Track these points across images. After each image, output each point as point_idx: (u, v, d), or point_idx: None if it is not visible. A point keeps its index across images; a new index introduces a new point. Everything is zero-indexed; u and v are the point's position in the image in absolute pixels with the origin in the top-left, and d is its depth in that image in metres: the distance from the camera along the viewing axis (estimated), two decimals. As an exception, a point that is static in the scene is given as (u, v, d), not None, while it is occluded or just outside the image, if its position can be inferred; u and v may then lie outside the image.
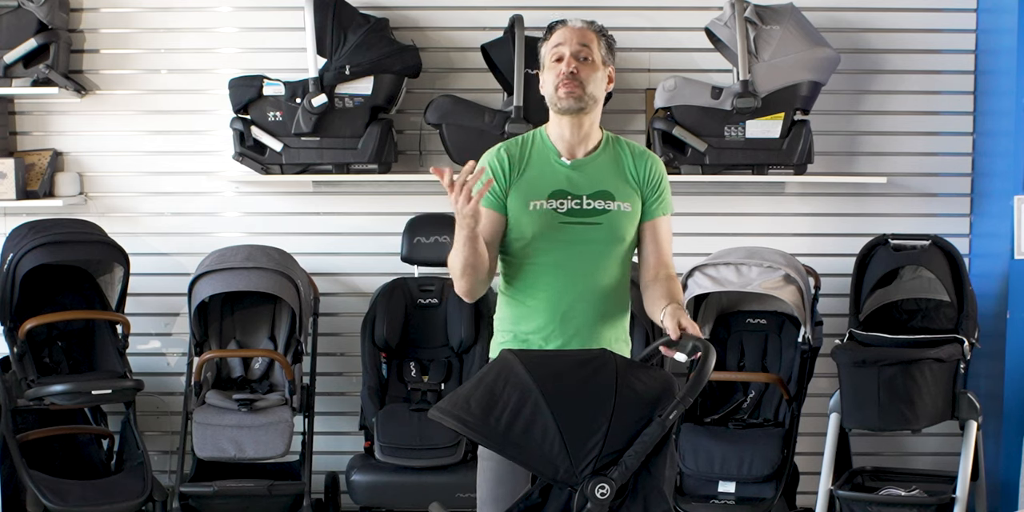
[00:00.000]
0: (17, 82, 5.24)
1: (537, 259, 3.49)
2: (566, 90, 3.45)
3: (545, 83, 3.53)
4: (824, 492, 4.89)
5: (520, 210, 3.48)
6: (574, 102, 3.46)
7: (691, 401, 2.98)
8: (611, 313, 3.53)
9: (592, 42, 3.51)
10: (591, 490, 2.92)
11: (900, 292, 5.19)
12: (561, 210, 3.47)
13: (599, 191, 3.50)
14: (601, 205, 3.50)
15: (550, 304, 3.48)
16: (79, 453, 5.27)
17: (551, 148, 3.54)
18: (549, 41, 3.52)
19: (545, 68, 3.53)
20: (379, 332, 5.26)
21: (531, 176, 3.50)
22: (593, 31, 3.53)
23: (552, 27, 3.55)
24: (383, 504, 5.13)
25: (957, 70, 5.49)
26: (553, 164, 3.52)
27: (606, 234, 3.49)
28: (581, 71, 3.46)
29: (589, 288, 3.48)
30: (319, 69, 5.16)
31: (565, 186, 3.49)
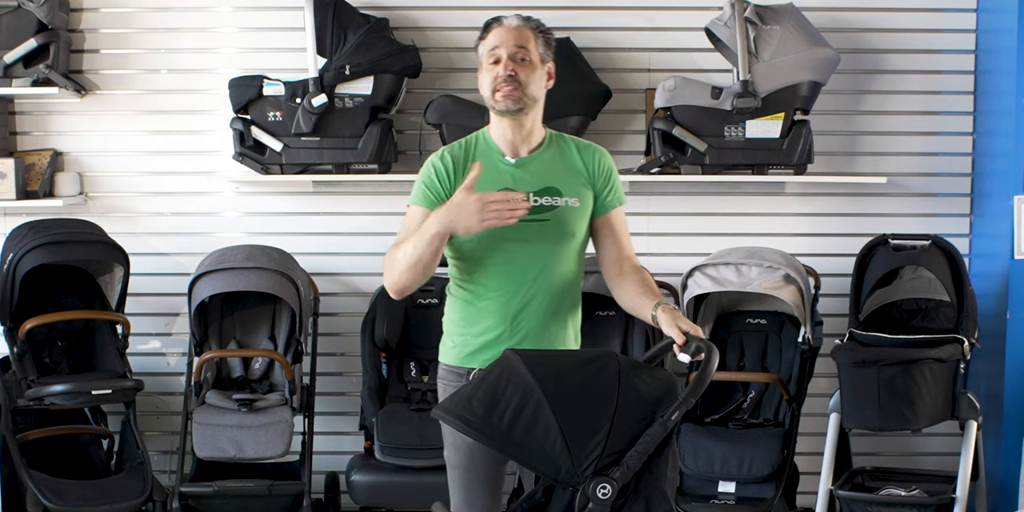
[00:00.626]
0: (17, 82, 5.24)
1: (487, 259, 3.47)
2: (503, 93, 3.44)
3: (482, 84, 3.50)
4: (824, 492, 4.89)
5: None
6: (512, 103, 3.44)
7: (693, 402, 2.99)
8: (563, 311, 3.53)
9: (529, 41, 3.48)
10: (593, 490, 2.92)
11: (900, 292, 5.19)
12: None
13: (546, 188, 3.49)
14: (548, 201, 3.48)
15: (501, 304, 3.47)
16: (79, 453, 5.27)
17: (495, 148, 3.52)
18: (486, 41, 3.49)
19: (482, 69, 3.51)
20: (379, 332, 5.26)
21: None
22: (530, 29, 3.50)
23: (488, 25, 3.52)
24: (383, 504, 5.13)
25: (957, 70, 5.49)
26: (497, 164, 3.50)
27: (555, 230, 3.47)
28: (519, 72, 3.44)
29: (540, 286, 3.47)
30: (319, 69, 5.16)
31: (511, 185, 3.47)
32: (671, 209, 5.52)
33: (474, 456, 3.48)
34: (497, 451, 3.05)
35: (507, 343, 3.45)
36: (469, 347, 3.52)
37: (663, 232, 5.51)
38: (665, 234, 5.52)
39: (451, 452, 3.55)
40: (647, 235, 5.48)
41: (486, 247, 3.46)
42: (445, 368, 3.58)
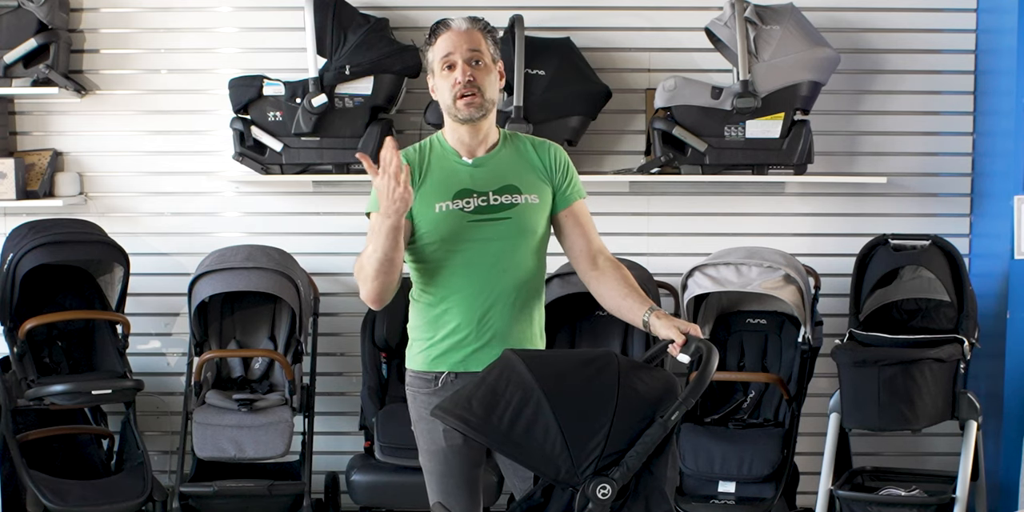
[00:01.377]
0: (17, 82, 5.24)
1: (448, 261, 3.45)
2: (466, 101, 3.40)
3: (439, 91, 3.45)
4: (824, 492, 4.89)
5: (426, 214, 3.43)
6: (475, 111, 3.41)
7: (693, 402, 2.98)
8: (527, 309, 3.50)
9: (481, 44, 3.43)
10: (592, 490, 2.92)
11: (900, 292, 5.19)
12: (468, 209, 3.42)
13: (504, 186, 3.47)
14: (508, 199, 3.46)
15: (466, 306, 3.44)
16: (79, 453, 5.27)
17: (450, 150, 3.49)
18: (435, 46, 3.43)
19: (435, 75, 3.45)
20: (379, 332, 5.26)
21: (434, 179, 3.45)
22: (479, 30, 3.45)
23: (436, 31, 3.45)
24: (383, 504, 5.13)
25: (957, 70, 5.49)
26: (454, 165, 3.48)
27: (515, 228, 3.45)
28: (477, 77, 3.40)
29: (504, 286, 3.44)
30: (319, 69, 5.16)
31: (469, 184, 3.45)
32: (671, 209, 5.52)
33: (449, 461, 3.49)
34: (497, 451, 3.05)
35: (474, 344, 3.44)
36: (436, 350, 3.48)
37: (663, 232, 5.51)
38: (665, 234, 5.51)
39: (426, 459, 3.55)
40: (647, 235, 5.48)
41: (447, 249, 3.43)
42: (412, 374, 3.54)
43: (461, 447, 3.47)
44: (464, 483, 3.52)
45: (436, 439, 3.48)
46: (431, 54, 3.45)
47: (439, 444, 3.48)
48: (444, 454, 3.48)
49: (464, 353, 3.45)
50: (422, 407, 3.49)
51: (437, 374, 3.48)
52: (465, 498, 3.51)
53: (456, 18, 3.46)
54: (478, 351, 3.44)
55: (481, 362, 3.34)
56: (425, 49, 3.48)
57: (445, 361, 3.47)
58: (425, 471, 3.57)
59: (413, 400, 3.54)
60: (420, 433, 3.55)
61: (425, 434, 3.52)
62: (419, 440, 3.56)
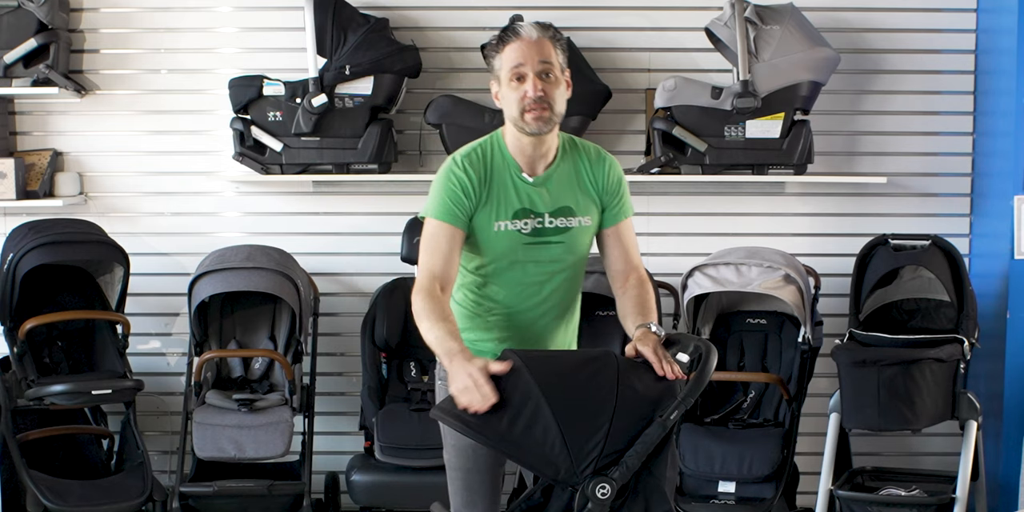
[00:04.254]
0: (17, 82, 5.24)
1: (497, 277, 3.46)
2: (534, 115, 3.35)
3: (506, 101, 3.40)
4: (824, 492, 4.89)
5: (485, 230, 3.42)
6: (543, 126, 3.37)
7: (692, 402, 2.99)
8: (566, 319, 3.55)
9: (551, 55, 3.37)
10: (592, 490, 2.92)
11: (900, 292, 5.19)
12: (525, 231, 3.42)
13: (560, 208, 3.45)
14: (563, 223, 3.45)
15: (508, 320, 3.47)
16: (79, 453, 5.27)
17: (511, 163, 3.45)
18: (503, 54, 3.37)
19: (501, 83, 3.39)
20: (379, 332, 5.26)
21: (495, 195, 3.42)
22: (549, 39, 3.38)
23: (504, 38, 3.39)
24: (383, 504, 5.13)
25: (957, 70, 5.49)
26: (515, 181, 3.44)
27: (566, 251, 3.47)
28: (547, 91, 3.34)
29: (549, 303, 3.47)
30: (319, 69, 5.16)
31: (528, 205, 3.43)
32: (671, 209, 5.52)
33: (476, 457, 3.48)
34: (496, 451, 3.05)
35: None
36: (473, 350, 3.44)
37: (663, 232, 5.51)
38: (665, 234, 5.52)
39: (451, 454, 3.54)
40: (647, 235, 5.48)
41: (496, 266, 3.45)
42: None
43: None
44: (488, 479, 3.50)
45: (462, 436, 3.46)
46: (498, 61, 3.38)
47: (465, 440, 3.45)
48: (472, 449, 3.46)
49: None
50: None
51: None
52: (488, 494, 3.50)
53: (525, 25, 3.39)
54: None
55: None
56: (491, 54, 3.41)
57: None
58: (448, 467, 3.54)
59: (440, 392, 3.56)
60: (446, 428, 3.51)
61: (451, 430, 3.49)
62: (446, 435, 3.54)
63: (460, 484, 3.53)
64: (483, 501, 3.50)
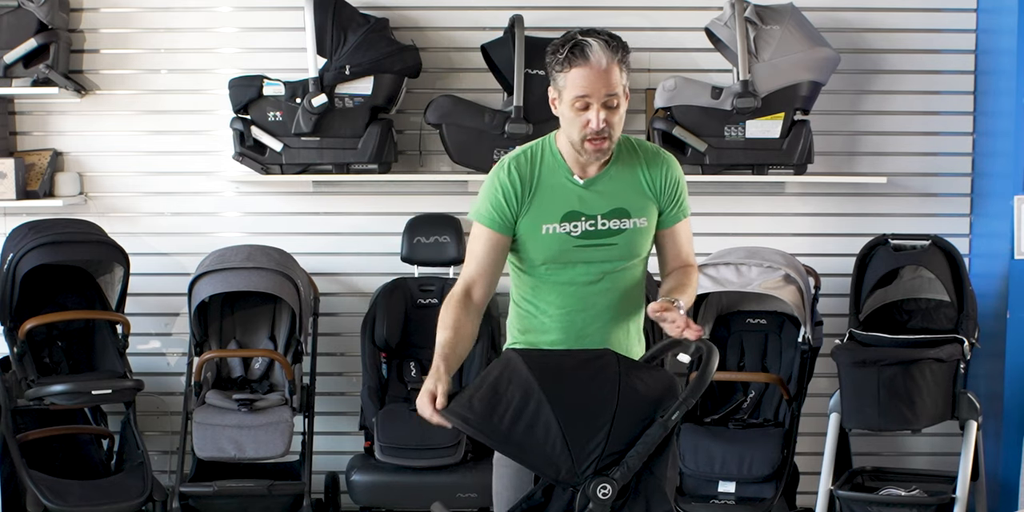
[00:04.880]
0: (17, 82, 5.24)
1: (551, 278, 3.40)
2: (595, 146, 3.26)
3: (566, 122, 3.28)
4: (824, 492, 4.89)
5: (532, 234, 3.36)
6: (602, 155, 3.31)
7: (693, 402, 2.99)
8: (626, 320, 3.47)
9: (618, 83, 3.23)
10: (593, 490, 2.92)
11: (900, 292, 5.19)
12: (575, 234, 3.34)
13: (614, 209, 3.37)
14: (616, 224, 3.37)
15: (564, 321, 3.41)
16: (79, 453, 5.27)
17: (562, 165, 3.37)
18: (570, 75, 3.21)
19: (563, 102, 3.26)
20: (379, 332, 5.26)
21: (543, 197, 3.35)
22: (617, 63, 3.23)
23: (572, 58, 3.21)
24: (383, 504, 5.13)
25: (957, 70, 5.49)
26: (566, 182, 3.36)
27: (622, 252, 3.39)
28: (609, 120, 3.24)
29: (606, 303, 3.40)
30: (319, 69, 5.16)
31: (578, 207, 3.35)
32: (671, 209, 5.51)
33: None
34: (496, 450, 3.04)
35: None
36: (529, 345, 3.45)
37: (663, 232, 5.50)
38: (665, 234, 5.51)
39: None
40: (647, 235, 5.47)
41: (550, 268, 3.39)
42: None
43: None
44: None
45: None
46: (561, 79, 3.24)
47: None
48: None
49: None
50: None
51: None
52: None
53: (595, 46, 3.20)
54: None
55: None
56: (555, 67, 3.26)
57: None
58: (497, 466, 3.46)
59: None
60: None
61: None
62: None
63: (508, 483, 3.43)
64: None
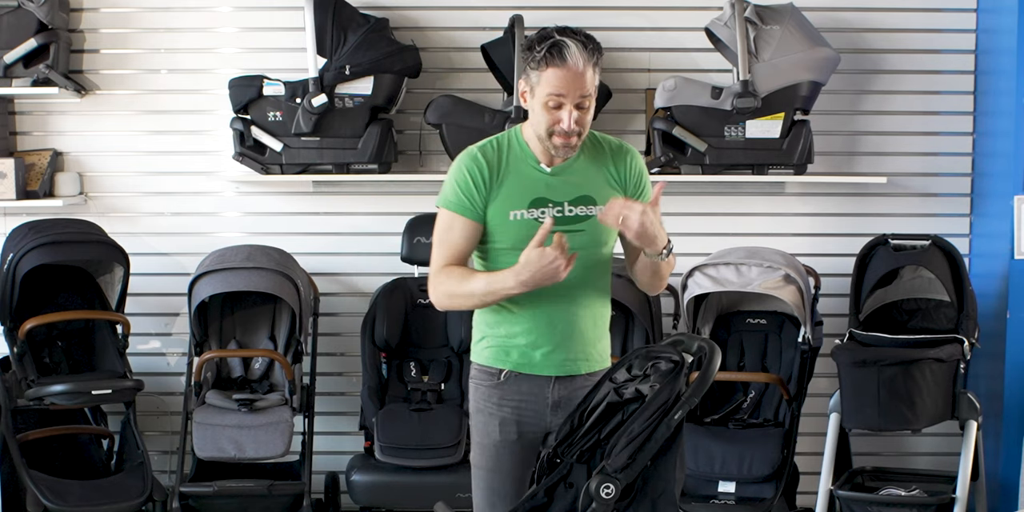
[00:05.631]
0: (17, 82, 5.24)
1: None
2: (563, 141, 3.34)
3: (536, 117, 3.35)
4: (824, 492, 4.89)
5: (500, 220, 3.41)
6: (569, 151, 3.39)
7: (696, 401, 2.99)
8: (594, 312, 3.50)
9: (591, 84, 3.31)
10: (596, 490, 2.92)
11: (900, 292, 5.19)
12: (543, 219, 3.37)
13: (580, 196, 3.43)
14: (583, 211, 3.42)
15: (534, 311, 3.43)
16: (79, 453, 5.26)
17: (529, 154, 3.44)
18: (545, 74, 3.28)
19: (535, 98, 3.33)
20: (379, 332, 5.26)
21: (510, 184, 3.41)
22: (592, 65, 3.30)
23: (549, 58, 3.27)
24: (383, 504, 5.13)
25: (957, 70, 5.49)
26: (532, 171, 3.43)
27: (589, 240, 3.43)
28: (580, 121, 3.32)
29: (572, 292, 3.43)
30: (319, 69, 5.16)
31: (545, 193, 3.41)
32: (671, 209, 5.48)
33: (500, 457, 3.47)
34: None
35: (543, 348, 3.44)
36: (503, 349, 3.48)
37: (663, 232, 5.51)
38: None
39: (476, 453, 3.53)
40: (647, 235, 5.47)
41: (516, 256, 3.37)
42: (477, 368, 3.54)
43: (514, 443, 3.45)
44: (512, 480, 3.48)
45: (491, 432, 3.47)
46: (535, 76, 3.31)
47: (492, 438, 3.47)
48: (496, 448, 3.47)
49: (532, 356, 3.45)
50: (482, 398, 3.50)
51: (500, 370, 3.48)
52: (509, 497, 3.48)
53: (573, 48, 3.26)
54: (547, 355, 3.45)
55: (548, 365, 3.43)
56: (530, 63, 3.32)
57: (510, 360, 3.47)
58: (474, 466, 3.54)
59: (475, 391, 3.53)
60: (474, 426, 3.54)
61: (479, 427, 3.51)
62: (473, 434, 3.55)
63: (483, 483, 3.52)
64: (503, 503, 3.48)
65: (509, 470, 3.48)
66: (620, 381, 3.18)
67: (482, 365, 3.52)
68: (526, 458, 3.46)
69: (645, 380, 3.09)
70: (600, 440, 3.11)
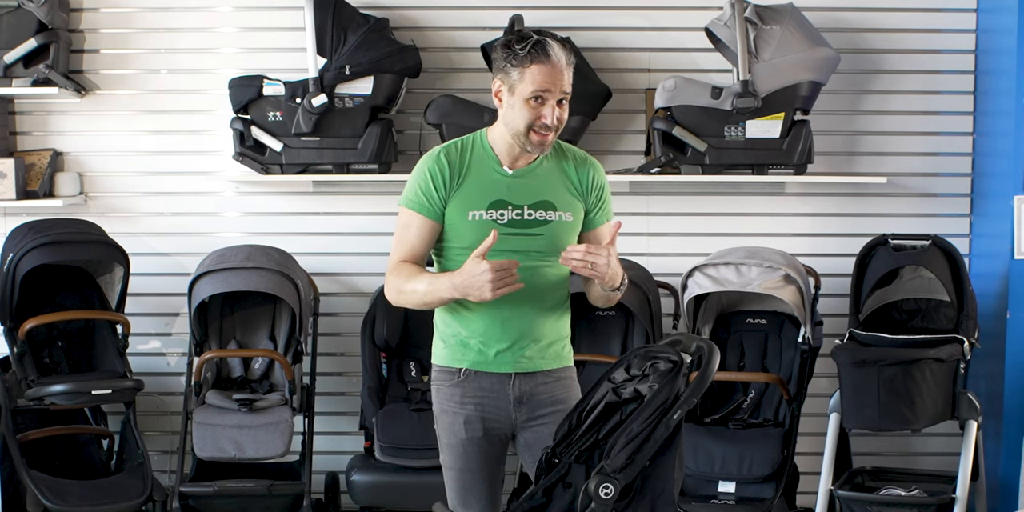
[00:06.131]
0: (17, 82, 5.24)
1: None
2: (541, 138, 3.39)
3: (514, 113, 3.39)
4: (824, 492, 4.89)
5: (459, 220, 3.44)
6: (545, 148, 3.44)
7: (695, 401, 2.99)
8: (553, 313, 3.52)
9: (568, 81, 3.39)
10: (595, 490, 2.92)
11: (900, 292, 5.19)
12: (501, 221, 3.42)
13: (540, 201, 3.47)
14: (542, 215, 3.46)
15: (489, 310, 3.44)
16: (79, 453, 5.27)
17: (491, 156, 3.48)
18: (529, 71, 3.34)
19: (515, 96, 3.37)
20: (379, 332, 5.26)
21: (470, 185, 3.45)
22: (569, 65, 3.39)
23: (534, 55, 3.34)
24: (383, 504, 5.13)
25: (957, 70, 5.49)
26: (493, 173, 3.47)
27: (547, 244, 3.46)
28: (560, 117, 3.40)
29: (529, 294, 3.43)
30: (319, 69, 5.16)
31: (505, 196, 3.45)
32: (671, 209, 5.52)
33: (468, 455, 3.50)
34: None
35: (497, 346, 3.46)
36: (460, 349, 3.50)
37: (663, 232, 5.51)
38: (665, 234, 5.51)
39: (445, 453, 3.56)
40: (647, 235, 5.48)
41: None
42: (437, 368, 3.56)
43: (481, 440, 3.48)
44: (483, 478, 3.52)
45: (456, 431, 3.49)
46: (517, 73, 3.36)
47: (459, 437, 3.49)
48: (463, 447, 3.48)
49: (488, 354, 3.47)
50: (445, 399, 3.52)
51: (459, 369, 3.50)
52: (484, 494, 3.52)
53: (555, 47, 3.36)
54: (502, 353, 3.47)
55: (503, 363, 3.45)
56: (511, 61, 3.37)
57: (468, 359, 3.49)
58: (444, 467, 3.57)
59: (437, 392, 3.55)
60: (440, 427, 3.56)
61: (445, 427, 3.53)
62: (439, 434, 3.56)
63: (455, 483, 3.55)
64: (478, 501, 3.52)
65: (479, 467, 3.51)
66: (619, 381, 3.18)
67: (441, 365, 3.55)
68: (494, 454, 3.51)
69: (644, 380, 3.10)
70: (599, 440, 3.12)
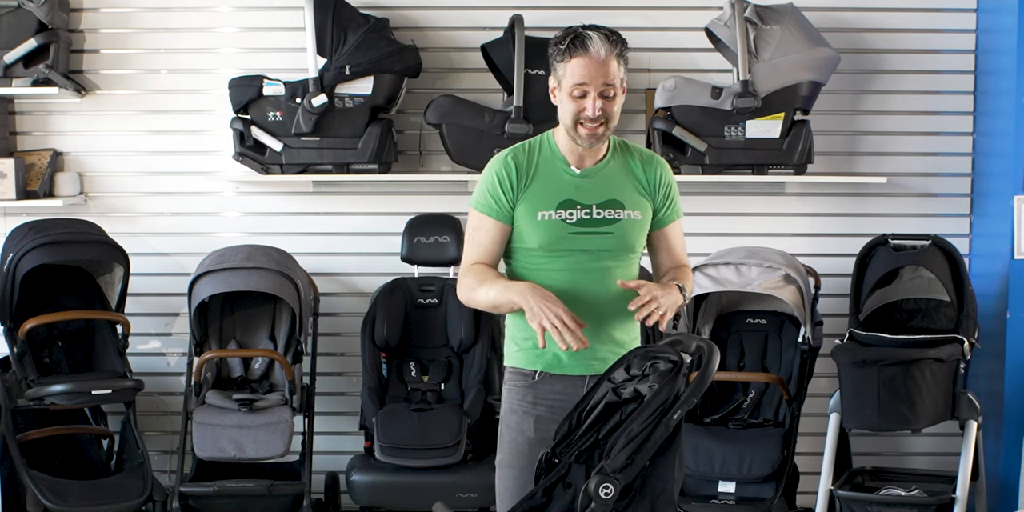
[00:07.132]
0: (17, 82, 5.24)
1: (545, 266, 3.47)
2: (589, 131, 3.40)
3: (563, 109, 3.43)
4: (824, 492, 4.89)
5: (528, 220, 3.46)
6: (596, 141, 3.44)
7: (695, 401, 2.99)
8: (622, 316, 3.49)
9: (615, 74, 3.39)
10: (595, 490, 2.92)
11: (900, 292, 5.19)
12: (571, 220, 3.44)
13: (609, 200, 3.48)
14: (611, 214, 3.48)
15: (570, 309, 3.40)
16: (79, 453, 5.26)
17: (559, 156, 3.50)
18: (569, 65, 3.38)
19: (561, 90, 3.41)
20: (379, 332, 5.26)
21: (539, 185, 3.47)
22: (615, 56, 3.39)
23: (572, 49, 3.38)
24: (383, 504, 5.13)
25: (957, 70, 5.49)
26: (561, 173, 3.49)
27: (616, 243, 3.48)
28: (606, 109, 3.39)
29: (598, 294, 3.45)
30: (319, 69, 5.16)
31: (574, 195, 3.46)
32: (671, 209, 5.51)
33: (534, 456, 3.42)
34: None
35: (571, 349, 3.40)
36: (533, 350, 3.48)
37: (663, 232, 5.50)
38: (665, 234, 5.51)
39: (507, 452, 3.53)
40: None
41: (545, 256, 3.46)
42: (511, 370, 3.56)
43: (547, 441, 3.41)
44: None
45: (525, 429, 3.49)
46: (561, 69, 3.40)
47: (526, 435, 3.48)
48: (530, 446, 3.46)
49: (561, 357, 3.47)
50: (516, 399, 3.52)
51: (534, 372, 3.50)
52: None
53: (595, 38, 3.37)
54: (575, 356, 3.45)
55: (577, 365, 3.45)
56: (555, 57, 3.41)
57: (542, 362, 3.49)
58: (502, 465, 3.53)
59: (508, 393, 3.55)
60: (507, 425, 3.54)
61: (512, 426, 3.52)
62: (504, 433, 3.55)
63: (511, 483, 3.50)
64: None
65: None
66: (618, 381, 3.18)
67: (515, 367, 3.55)
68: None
69: (644, 380, 3.09)
70: (599, 440, 3.12)
